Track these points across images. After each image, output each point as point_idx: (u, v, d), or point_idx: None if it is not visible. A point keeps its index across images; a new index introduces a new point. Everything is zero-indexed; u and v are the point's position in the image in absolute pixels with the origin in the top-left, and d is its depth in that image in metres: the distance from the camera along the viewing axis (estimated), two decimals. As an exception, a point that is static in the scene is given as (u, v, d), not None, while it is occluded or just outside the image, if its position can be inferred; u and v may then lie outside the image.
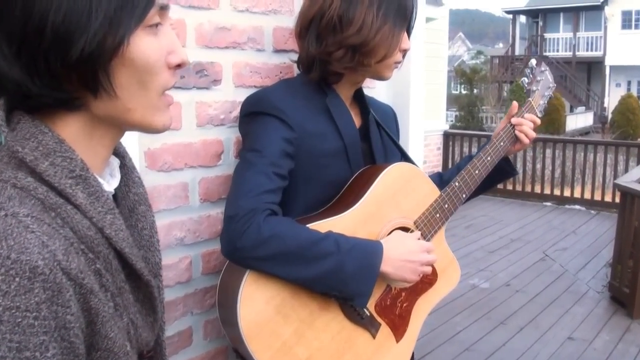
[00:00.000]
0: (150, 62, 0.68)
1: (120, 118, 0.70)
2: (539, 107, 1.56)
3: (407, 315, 1.37)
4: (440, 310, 4.31)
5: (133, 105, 0.69)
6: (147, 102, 0.71)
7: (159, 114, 0.73)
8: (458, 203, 1.44)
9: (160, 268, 0.87)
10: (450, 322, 4.20)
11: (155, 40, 0.69)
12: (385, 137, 1.51)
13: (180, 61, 0.73)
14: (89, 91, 0.66)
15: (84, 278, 0.61)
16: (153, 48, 0.68)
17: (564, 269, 5.29)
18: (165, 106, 0.74)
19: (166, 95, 0.74)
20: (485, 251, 5.89)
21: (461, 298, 4.62)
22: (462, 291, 4.77)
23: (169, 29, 0.73)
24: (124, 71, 0.66)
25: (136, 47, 0.66)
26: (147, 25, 0.67)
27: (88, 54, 0.62)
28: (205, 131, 1.43)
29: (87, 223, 0.66)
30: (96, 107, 0.68)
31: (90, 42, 0.62)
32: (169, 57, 0.71)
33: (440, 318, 4.20)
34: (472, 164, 1.47)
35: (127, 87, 0.68)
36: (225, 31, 1.44)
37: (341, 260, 1.18)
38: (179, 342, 1.44)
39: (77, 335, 0.60)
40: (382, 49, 1.29)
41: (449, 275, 1.46)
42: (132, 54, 0.66)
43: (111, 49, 0.64)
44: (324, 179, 1.34)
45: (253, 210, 1.15)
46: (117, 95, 0.67)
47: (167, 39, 0.71)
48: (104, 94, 0.66)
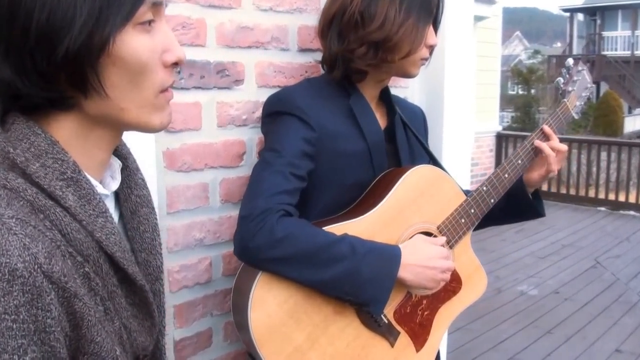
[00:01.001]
0: (142, 60, 0.66)
1: (114, 118, 0.69)
2: (575, 109, 1.47)
3: (429, 324, 1.32)
4: (487, 317, 4.21)
5: (126, 104, 0.68)
6: (142, 101, 0.69)
7: (156, 113, 0.72)
8: (485, 208, 1.38)
9: (162, 272, 0.85)
10: (496, 329, 4.08)
11: (148, 38, 0.67)
12: (412, 139, 1.46)
13: (177, 59, 0.71)
14: (78, 90, 0.65)
15: (67, 282, 0.60)
16: (145, 46, 0.67)
17: (616, 278, 5.06)
18: (163, 105, 0.72)
19: (165, 93, 0.72)
20: (536, 257, 5.71)
21: (509, 305, 4.50)
22: (510, 298, 4.64)
23: (164, 26, 0.71)
24: (114, 70, 0.65)
25: (126, 45, 0.65)
26: (138, 23, 0.66)
27: (74, 53, 0.62)
28: (227, 131, 1.43)
29: (77, 226, 0.65)
30: (88, 107, 0.67)
31: (75, 40, 0.61)
32: (164, 55, 0.70)
33: (486, 325, 4.10)
34: (501, 167, 1.40)
35: (118, 86, 0.66)
36: (247, 31, 1.42)
37: (356, 264, 1.14)
38: (197, 343, 1.44)
39: (57, 340, 0.59)
40: (405, 45, 1.25)
41: (475, 283, 1.39)
42: (122, 52, 0.65)
43: (97, 48, 0.63)
44: (345, 181, 1.31)
45: (267, 211, 1.13)
46: (108, 94, 0.66)
47: (161, 36, 0.70)
48: (94, 93, 0.65)
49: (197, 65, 1.34)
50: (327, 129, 1.27)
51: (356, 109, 1.33)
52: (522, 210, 1.46)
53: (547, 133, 1.42)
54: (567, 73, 1.48)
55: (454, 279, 1.35)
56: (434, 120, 1.98)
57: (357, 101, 1.34)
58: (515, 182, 1.41)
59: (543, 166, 1.41)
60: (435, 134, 1.97)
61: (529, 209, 1.46)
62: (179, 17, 1.29)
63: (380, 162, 1.35)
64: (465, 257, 1.38)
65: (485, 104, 8.49)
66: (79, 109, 0.67)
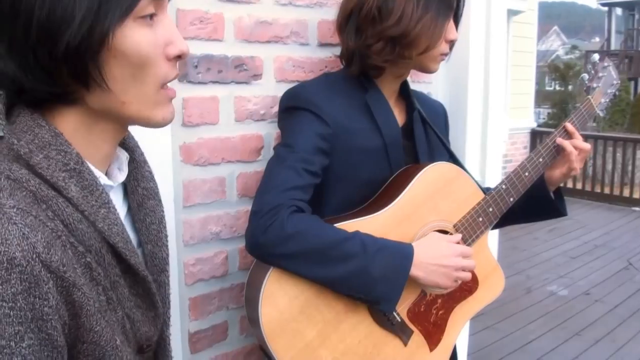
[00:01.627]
0: (143, 53, 0.67)
1: (116, 112, 0.70)
2: (600, 106, 1.43)
3: (443, 324, 1.30)
4: (515, 316, 4.15)
5: (128, 98, 0.69)
6: (144, 95, 0.70)
7: (158, 108, 0.72)
8: (504, 207, 1.35)
9: (167, 263, 0.86)
10: (524, 329, 4.02)
11: (150, 32, 0.68)
12: (432, 136, 1.44)
13: (179, 52, 0.72)
14: (81, 84, 0.66)
15: (66, 271, 0.61)
16: (146, 39, 0.67)
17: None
18: (165, 100, 0.73)
19: (167, 89, 0.73)
20: (567, 257, 5.59)
21: (538, 305, 4.42)
22: (540, 298, 4.56)
23: (167, 19, 0.71)
24: (116, 63, 0.66)
25: (126, 39, 0.65)
26: (140, 16, 0.66)
27: (75, 48, 0.62)
28: (245, 126, 1.43)
29: (79, 216, 0.66)
30: (91, 100, 0.68)
31: (75, 35, 0.62)
32: (167, 48, 0.70)
33: (514, 325, 4.04)
34: (521, 166, 1.37)
35: (120, 80, 0.67)
36: (266, 25, 1.42)
37: (367, 262, 1.13)
38: (213, 336, 1.45)
39: (55, 328, 0.60)
40: (423, 40, 1.23)
41: (492, 283, 1.37)
42: (123, 46, 0.65)
43: (97, 42, 0.63)
44: (361, 177, 1.30)
45: (278, 206, 1.13)
46: (110, 88, 0.67)
47: (164, 29, 0.70)
48: (96, 86, 0.66)
49: (215, 60, 1.34)
50: (343, 124, 1.26)
51: (373, 105, 1.31)
52: (542, 208, 1.43)
53: (569, 131, 1.38)
54: (592, 69, 1.43)
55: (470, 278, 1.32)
56: (457, 116, 1.95)
57: (374, 97, 1.32)
58: (536, 180, 1.38)
59: (565, 164, 1.37)
60: (458, 130, 1.94)
61: (550, 208, 1.43)
62: (196, 12, 1.29)
63: (397, 159, 1.33)
64: (482, 257, 1.35)
65: (520, 100, 8.33)
66: (82, 103, 0.68)
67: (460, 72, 1.89)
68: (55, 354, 0.61)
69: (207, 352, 1.44)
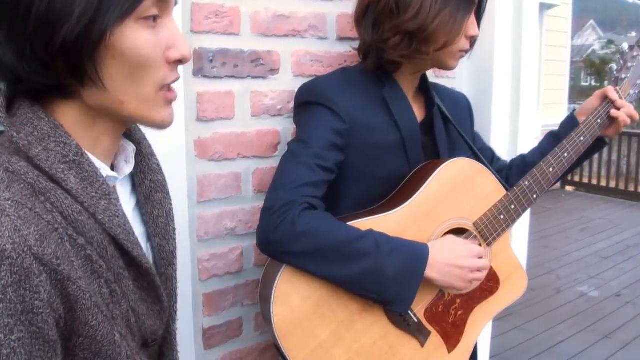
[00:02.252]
0: (142, 55, 0.66)
1: (114, 110, 0.69)
2: (629, 98, 1.37)
3: (462, 325, 1.26)
4: (544, 317, 4.07)
5: (126, 98, 0.68)
6: (142, 96, 0.69)
7: (157, 109, 0.71)
8: (527, 204, 1.30)
9: (175, 257, 0.85)
10: (553, 330, 3.93)
11: (151, 34, 0.67)
12: (453, 132, 1.40)
13: (180, 57, 0.71)
14: (76, 80, 0.65)
15: (60, 264, 0.61)
16: (146, 41, 0.67)
17: (681, 282, 4.76)
18: (164, 102, 0.72)
19: (167, 91, 0.72)
20: (599, 257, 5.45)
21: (567, 306, 4.32)
22: (569, 299, 4.46)
23: (171, 22, 0.71)
24: (114, 63, 0.65)
25: (126, 39, 0.65)
26: (142, 17, 0.66)
27: (71, 43, 0.62)
28: (261, 121, 1.41)
29: (78, 208, 0.65)
30: (88, 97, 0.68)
31: (73, 30, 0.62)
32: (168, 52, 0.70)
33: (543, 325, 3.96)
34: (545, 161, 1.32)
35: (118, 79, 0.67)
36: (283, 19, 1.40)
37: (380, 261, 1.10)
38: (227, 332, 1.44)
39: (46, 322, 0.59)
40: (441, 36, 1.19)
41: (514, 283, 1.32)
42: (122, 46, 0.65)
43: (95, 39, 0.63)
44: (378, 174, 1.27)
45: (290, 203, 1.11)
46: (106, 86, 0.66)
47: (167, 32, 0.69)
48: (91, 83, 0.66)
49: (231, 54, 1.33)
50: (359, 120, 1.23)
51: (390, 100, 1.28)
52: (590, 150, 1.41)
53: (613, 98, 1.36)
54: (621, 59, 1.37)
55: (491, 278, 1.28)
56: (482, 113, 1.90)
57: (392, 91, 1.29)
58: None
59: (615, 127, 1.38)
60: (484, 126, 1.89)
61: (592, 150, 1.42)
62: (212, 6, 1.28)
63: (415, 155, 1.29)
64: (504, 256, 1.31)
65: (554, 95, 8.17)
66: (79, 98, 0.68)
67: (486, 67, 1.84)
68: (47, 348, 0.60)
69: (221, 348, 1.43)
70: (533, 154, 1.49)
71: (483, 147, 1.53)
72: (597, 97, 1.39)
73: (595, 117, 1.34)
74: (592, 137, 1.35)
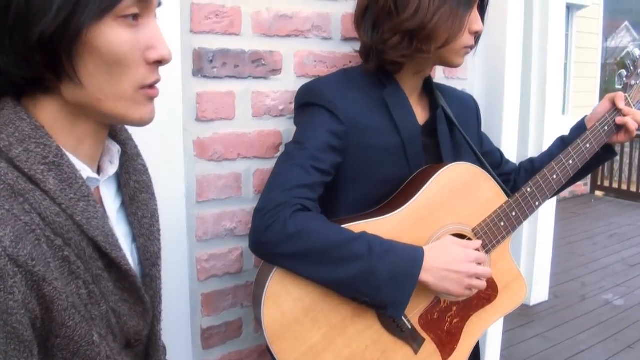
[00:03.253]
0: (119, 53, 0.66)
1: (92, 107, 0.69)
2: (639, 105, 1.32)
3: (458, 333, 1.24)
4: (567, 325, 3.98)
5: (103, 95, 0.68)
6: (119, 94, 0.69)
7: (135, 107, 0.71)
8: (529, 211, 1.27)
9: (159, 258, 0.86)
10: (575, 339, 3.84)
11: (130, 33, 0.67)
12: (458, 135, 1.37)
13: (160, 57, 0.71)
14: (53, 74, 0.66)
15: (35, 265, 0.61)
16: (124, 40, 0.67)
17: None
18: (144, 100, 0.72)
19: (147, 90, 0.72)
20: (626, 264, 5.31)
21: (591, 314, 4.22)
22: (594, 307, 4.35)
23: (152, 22, 0.71)
24: (91, 59, 0.66)
25: (103, 36, 0.65)
26: (121, 16, 0.66)
27: (48, 37, 0.63)
28: (262, 122, 1.41)
29: (56, 209, 0.66)
30: (65, 93, 0.68)
31: (50, 25, 0.62)
32: (147, 52, 0.70)
33: (565, 333, 3.87)
34: (549, 168, 1.29)
35: (95, 76, 0.67)
36: (286, 19, 1.39)
37: (373, 264, 1.08)
38: (226, 333, 1.44)
39: (20, 322, 0.60)
40: (442, 33, 1.17)
41: (513, 292, 1.29)
42: (99, 43, 0.65)
43: (71, 35, 0.63)
44: (377, 176, 1.25)
45: (282, 205, 1.10)
46: (82, 82, 0.66)
47: (147, 32, 0.70)
48: (68, 79, 0.66)
49: (231, 54, 1.33)
50: (357, 121, 1.21)
51: (390, 101, 1.26)
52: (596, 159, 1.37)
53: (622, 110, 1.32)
54: (631, 65, 1.33)
55: (489, 286, 1.25)
56: (494, 114, 1.87)
57: (392, 93, 1.27)
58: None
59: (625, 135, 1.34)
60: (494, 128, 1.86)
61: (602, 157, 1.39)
62: (211, 6, 1.28)
63: (416, 158, 1.27)
64: (503, 264, 1.28)
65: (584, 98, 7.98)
66: (59, 94, 0.68)
67: (497, 67, 1.81)
68: (22, 348, 0.60)
69: (220, 348, 1.44)
70: (542, 159, 1.46)
71: (491, 149, 1.50)
72: (607, 100, 1.35)
73: (602, 124, 1.30)
74: (599, 145, 1.31)
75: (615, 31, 23.14)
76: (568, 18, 7.52)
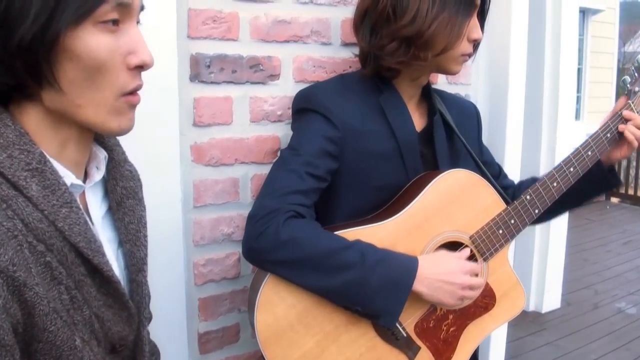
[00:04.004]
0: (99, 59, 0.66)
1: (71, 114, 0.70)
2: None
3: (454, 341, 1.22)
4: (579, 333, 3.92)
5: (83, 102, 0.69)
6: (100, 101, 0.69)
7: (114, 115, 0.71)
8: (528, 219, 1.25)
9: (145, 263, 0.86)
10: (586, 347, 3.78)
11: (110, 38, 0.67)
12: (457, 142, 1.35)
13: (141, 62, 0.70)
14: (33, 80, 0.66)
15: (16, 271, 0.61)
16: (104, 45, 0.67)
17: None
18: (124, 108, 0.72)
19: (129, 97, 0.71)
20: None
21: (604, 322, 4.15)
22: (606, 315, 4.28)
23: (133, 27, 0.71)
24: (70, 65, 0.66)
25: (81, 42, 0.65)
26: (100, 21, 0.66)
27: (27, 43, 0.63)
28: (260, 127, 1.40)
29: (39, 215, 0.66)
30: (46, 99, 0.68)
31: (29, 31, 0.62)
32: (128, 57, 0.70)
33: (576, 342, 3.81)
34: (549, 175, 1.27)
35: (75, 82, 0.67)
36: (284, 24, 1.39)
37: (365, 273, 1.07)
38: (223, 338, 1.44)
39: (1, 327, 0.60)
40: (440, 41, 1.15)
41: (511, 300, 1.27)
42: (77, 49, 0.65)
43: (49, 41, 0.63)
44: (373, 183, 1.24)
45: (275, 211, 1.09)
46: (62, 88, 0.67)
47: (127, 38, 0.69)
48: (48, 85, 0.66)
49: (229, 60, 1.33)
50: (353, 127, 1.21)
51: (387, 107, 1.25)
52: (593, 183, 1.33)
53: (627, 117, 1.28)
54: (635, 71, 1.30)
55: (487, 294, 1.24)
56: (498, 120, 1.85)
57: (389, 99, 1.26)
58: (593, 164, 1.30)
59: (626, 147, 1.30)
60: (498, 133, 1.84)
61: (605, 182, 1.34)
62: (209, 11, 1.28)
63: (413, 165, 1.26)
64: (501, 272, 1.26)
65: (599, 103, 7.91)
66: (41, 100, 0.68)
67: (501, 72, 1.79)
68: (3, 352, 0.60)
69: (217, 353, 1.43)
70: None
71: (490, 161, 1.47)
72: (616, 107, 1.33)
73: (605, 130, 1.28)
74: (601, 152, 1.28)
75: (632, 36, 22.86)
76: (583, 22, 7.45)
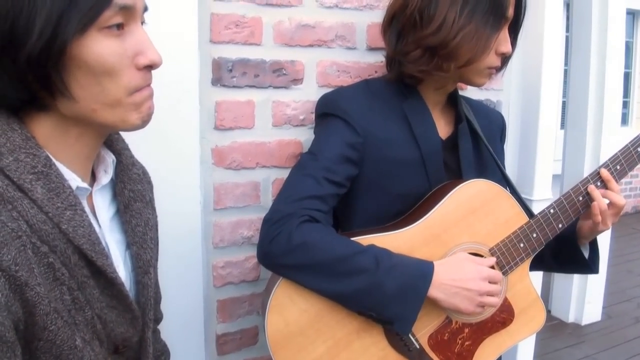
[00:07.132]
0: (107, 63, 0.68)
1: (88, 118, 0.71)
2: None
3: (469, 356, 1.20)
4: (619, 347, 3.77)
5: (98, 106, 0.70)
6: (113, 102, 0.71)
7: (131, 112, 0.73)
8: (551, 233, 1.21)
9: (152, 266, 0.87)
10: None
11: (117, 42, 0.69)
12: (484, 151, 1.32)
13: (149, 62, 0.72)
14: (46, 92, 0.68)
15: (18, 271, 0.63)
16: (111, 50, 0.68)
17: None
18: (139, 102, 0.73)
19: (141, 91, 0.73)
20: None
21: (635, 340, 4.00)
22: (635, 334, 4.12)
23: (138, 29, 0.72)
24: (80, 73, 0.67)
25: (89, 49, 0.66)
26: (104, 27, 0.67)
27: (36, 57, 0.64)
28: (283, 131, 1.41)
29: (43, 217, 0.68)
30: (62, 107, 0.70)
31: (36, 45, 0.64)
32: (137, 58, 0.71)
33: (616, 356, 3.66)
34: (575, 189, 1.23)
35: (87, 88, 0.68)
36: (308, 29, 1.39)
37: (379, 278, 1.05)
38: (242, 340, 1.45)
39: (2, 324, 0.62)
40: (464, 52, 1.12)
41: (530, 317, 1.23)
42: (85, 56, 0.66)
43: (56, 52, 0.65)
44: (394, 190, 1.22)
45: (289, 215, 1.09)
46: (74, 96, 0.68)
47: (133, 40, 0.71)
48: (60, 95, 0.68)
49: (251, 64, 1.33)
50: (375, 133, 1.19)
51: (410, 114, 1.23)
52: (571, 260, 1.29)
53: (604, 178, 1.22)
54: None
55: (504, 309, 1.21)
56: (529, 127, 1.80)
57: (413, 105, 1.24)
58: (568, 228, 1.24)
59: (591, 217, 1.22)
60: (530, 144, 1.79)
61: (577, 260, 1.28)
62: (232, 16, 1.29)
63: (436, 173, 1.23)
64: (521, 287, 1.22)
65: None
66: (55, 109, 0.70)
67: (534, 79, 1.75)
68: (4, 348, 0.62)
69: (235, 355, 1.44)
70: None
71: None
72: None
73: (635, 144, 1.23)
74: (630, 167, 1.23)
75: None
76: (633, 25, 7.18)
